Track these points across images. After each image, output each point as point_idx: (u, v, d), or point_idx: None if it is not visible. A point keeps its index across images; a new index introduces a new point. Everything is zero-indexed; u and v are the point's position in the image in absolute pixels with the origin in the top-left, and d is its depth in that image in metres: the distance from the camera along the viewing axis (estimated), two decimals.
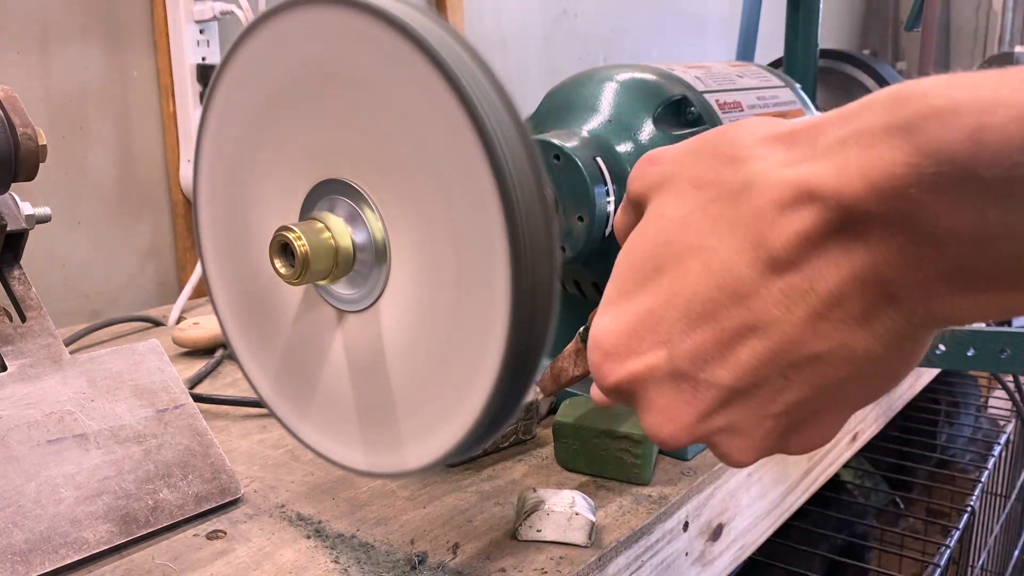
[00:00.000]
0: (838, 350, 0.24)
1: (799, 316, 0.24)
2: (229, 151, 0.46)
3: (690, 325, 0.26)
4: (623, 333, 0.28)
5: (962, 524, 0.90)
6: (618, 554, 0.48)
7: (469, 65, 0.36)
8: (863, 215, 0.22)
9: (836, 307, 0.24)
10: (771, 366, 0.25)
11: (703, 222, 0.26)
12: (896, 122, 0.21)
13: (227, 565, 0.46)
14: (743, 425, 0.27)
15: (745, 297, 0.25)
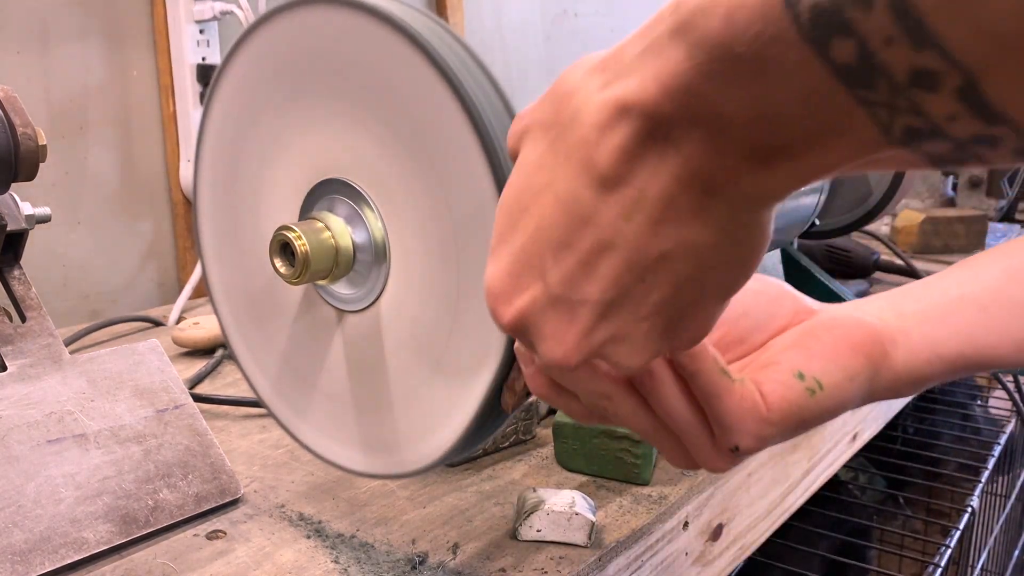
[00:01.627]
0: (681, 247, 0.26)
1: (639, 224, 0.26)
2: (229, 151, 0.46)
3: (555, 254, 0.28)
4: (505, 275, 0.30)
5: (962, 524, 0.90)
6: (618, 554, 0.48)
7: (468, 65, 0.36)
8: (665, 118, 0.24)
9: (667, 209, 0.25)
10: (629, 274, 0.27)
11: (550, 159, 0.28)
12: (675, 25, 0.23)
13: (227, 565, 0.46)
14: (623, 332, 0.28)
15: (590, 218, 0.27)
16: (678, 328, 0.29)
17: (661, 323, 0.28)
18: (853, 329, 0.34)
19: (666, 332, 0.29)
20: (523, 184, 0.29)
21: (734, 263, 0.27)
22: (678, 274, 0.27)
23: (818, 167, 0.24)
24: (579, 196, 0.27)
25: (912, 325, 0.36)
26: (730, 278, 0.28)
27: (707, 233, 0.26)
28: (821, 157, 0.23)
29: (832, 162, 0.24)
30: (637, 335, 0.28)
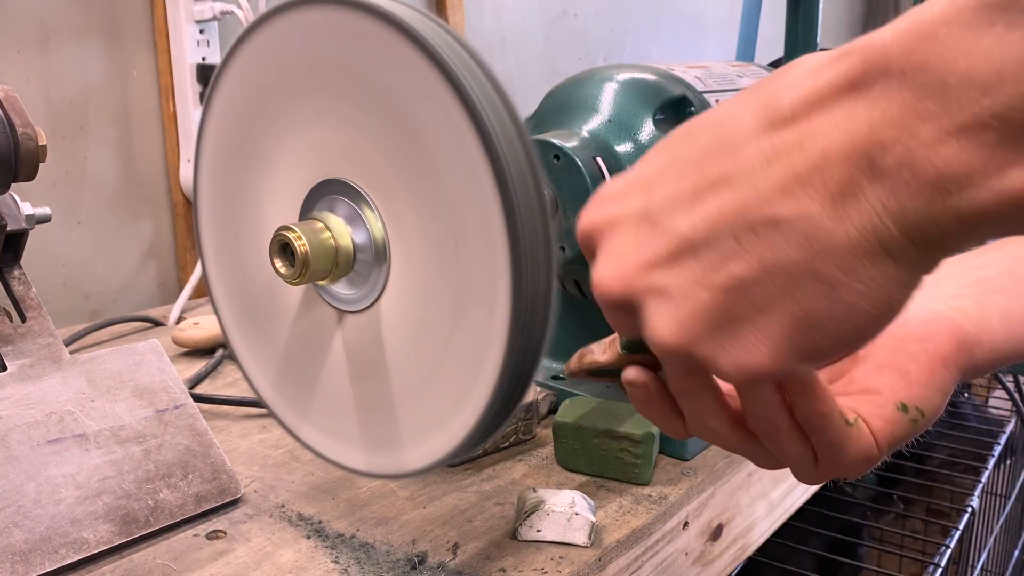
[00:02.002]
0: (800, 220, 0.23)
1: (776, 173, 0.23)
2: (229, 151, 0.46)
3: (678, 172, 0.26)
4: (623, 185, 0.28)
5: (962, 524, 0.90)
6: (618, 554, 0.48)
7: (469, 65, 0.36)
8: (882, 63, 0.21)
9: (816, 172, 0.23)
10: (730, 222, 0.24)
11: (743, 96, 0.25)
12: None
13: (227, 565, 0.46)
14: (680, 290, 0.25)
15: (735, 148, 0.24)
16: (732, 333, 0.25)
17: (721, 306, 0.25)
18: (944, 339, 0.33)
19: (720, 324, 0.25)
20: (700, 118, 0.27)
21: (844, 301, 0.23)
22: (776, 254, 0.23)
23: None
24: (739, 124, 0.24)
25: (996, 323, 0.35)
26: (827, 316, 0.24)
27: (836, 224, 0.22)
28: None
29: None
30: (690, 302, 0.25)
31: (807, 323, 0.24)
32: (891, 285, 0.23)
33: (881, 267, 0.23)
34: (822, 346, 0.24)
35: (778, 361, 0.25)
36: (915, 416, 0.33)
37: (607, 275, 0.27)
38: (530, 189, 0.35)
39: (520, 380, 0.39)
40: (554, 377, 0.67)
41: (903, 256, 0.22)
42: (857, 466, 0.32)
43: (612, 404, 0.57)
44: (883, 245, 0.22)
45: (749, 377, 0.26)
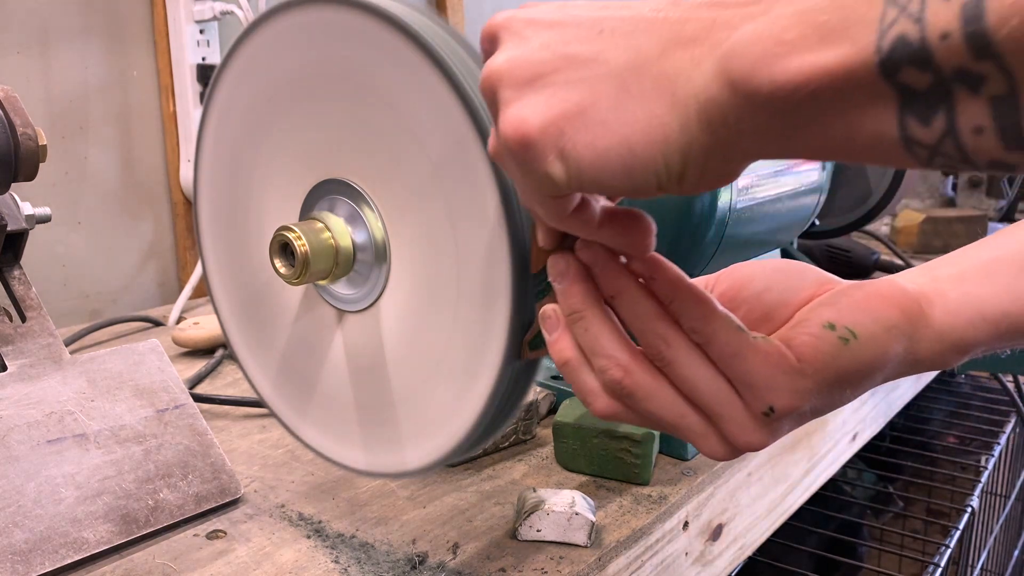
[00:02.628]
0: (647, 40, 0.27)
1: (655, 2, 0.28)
2: (229, 151, 0.46)
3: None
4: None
5: (962, 524, 0.90)
6: (618, 554, 0.48)
7: (469, 65, 0.36)
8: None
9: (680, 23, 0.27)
10: (604, 18, 0.28)
11: None
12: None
13: (227, 565, 0.46)
14: (530, 42, 0.29)
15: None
16: (536, 89, 0.29)
17: (547, 64, 0.28)
18: (883, 287, 0.33)
19: (534, 77, 0.29)
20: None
21: (621, 113, 0.27)
22: (611, 49, 0.27)
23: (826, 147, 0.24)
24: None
25: (948, 286, 0.34)
26: (602, 119, 0.27)
27: (661, 64, 0.26)
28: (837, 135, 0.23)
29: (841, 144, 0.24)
30: (529, 53, 0.29)
31: (584, 114, 0.27)
32: (660, 129, 0.26)
33: (663, 107, 0.26)
34: (578, 145, 0.28)
35: (542, 133, 0.28)
36: (844, 335, 0.31)
37: (501, 15, 0.31)
38: None
39: (521, 380, 0.39)
40: (554, 377, 0.67)
41: (682, 110, 0.26)
42: (776, 382, 0.30)
43: None
44: (675, 90, 0.26)
45: (516, 132, 0.28)
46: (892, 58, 0.21)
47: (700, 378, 0.31)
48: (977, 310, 0.34)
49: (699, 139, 0.26)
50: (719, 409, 0.31)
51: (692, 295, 0.31)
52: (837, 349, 0.31)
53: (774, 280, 0.35)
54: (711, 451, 0.33)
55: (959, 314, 0.34)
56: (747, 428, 0.31)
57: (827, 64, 0.22)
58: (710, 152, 0.26)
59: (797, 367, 0.30)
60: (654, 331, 0.32)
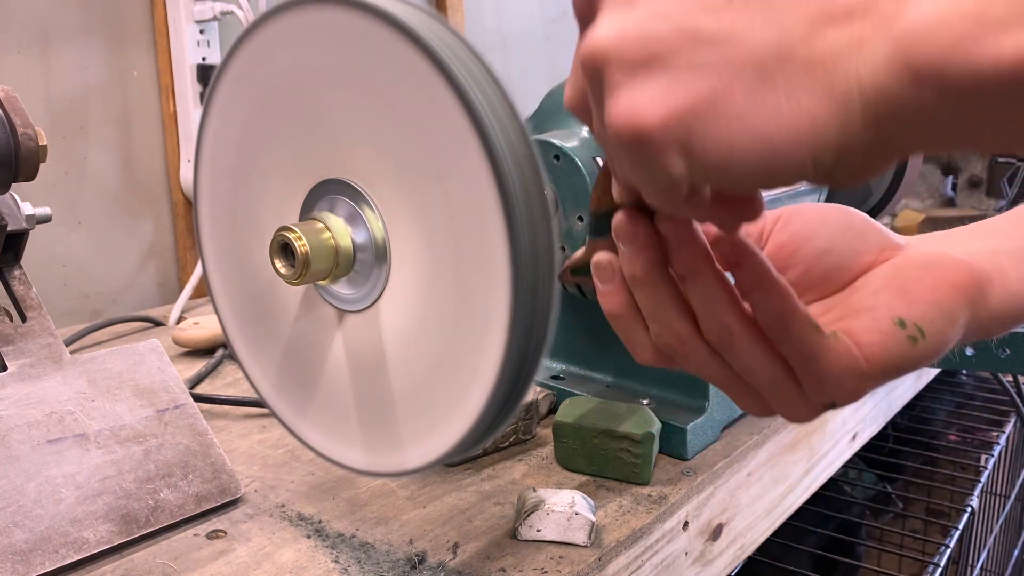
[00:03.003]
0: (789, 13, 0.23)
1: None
2: (229, 151, 0.46)
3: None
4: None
5: (962, 524, 0.90)
6: (618, 554, 0.48)
7: (469, 65, 0.36)
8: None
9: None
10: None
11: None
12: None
13: (227, 565, 0.46)
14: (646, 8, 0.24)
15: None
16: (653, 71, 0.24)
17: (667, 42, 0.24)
18: (950, 268, 0.31)
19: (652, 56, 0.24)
20: None
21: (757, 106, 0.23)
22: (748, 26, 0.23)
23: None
24: None
25: (1009, 264, 0.33)
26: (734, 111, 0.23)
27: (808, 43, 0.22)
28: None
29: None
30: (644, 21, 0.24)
31: (716, 106, 0.23)
32: (811, 125, 0.22)
33: (817, 99, 0.22)
34: (708, 143, 0.23)
35: (663, 128, 0.24)
36: (914, 333, 0.29)
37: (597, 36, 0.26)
38: (531, 189, 0.35)
39: (520, 380, 0.39)
40: (554, 377, 0.67)
41: (842, 102, 0.22)
42: (842, 384, 0.29)
43: (612, 404, 0.57)
44: (833, 78, 0.22)
45: (630, 127, 0.24)
46: None
47: (759, 367, 0.30)
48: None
49: (861, 136, 0.22)
50: (775, 393, 0.31)
51: (776, 291, 0.29)
52: (905, 349, 0.30)
53: (835, 241, 0.33)
54: (752, 410, 0.32)
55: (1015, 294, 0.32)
56: (800, 411, 0.31)
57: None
58: (872, 149, 0.23)
59: (865, 369, 0.29)
60: (721, 320, 0.30)
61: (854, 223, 0.34)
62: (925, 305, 0.30)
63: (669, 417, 0.58)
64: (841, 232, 0.33)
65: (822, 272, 0.33)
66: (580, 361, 0.68)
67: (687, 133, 0.24)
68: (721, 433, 0.62)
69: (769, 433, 0.63)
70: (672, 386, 0.62)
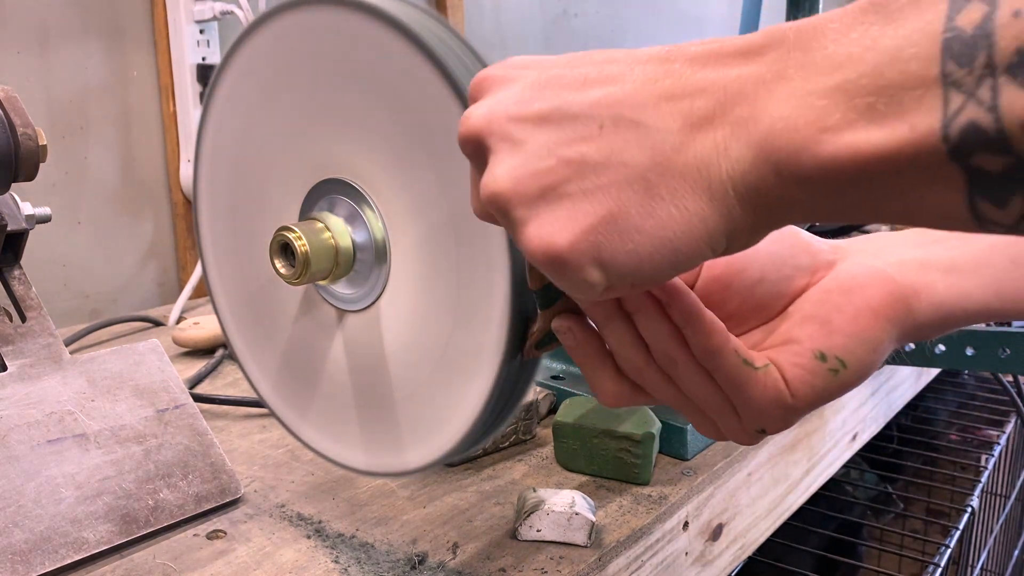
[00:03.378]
0: (657, 130, 0.25)
1: (658, 88, 0.26)
2: (229, 151, 0.46)
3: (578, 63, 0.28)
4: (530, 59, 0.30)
5: (962, 524, 0.90)
6: (618, 554, 0.48)
7: (468, 65, 0.36)
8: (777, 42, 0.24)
9: (687, 98, 0.25)
10: (602, 110, 0.26)
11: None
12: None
13: (227, 565, 0.46)
14: (531, 148, 0.27)
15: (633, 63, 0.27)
16: (553, 203, 0.27)
17: (558, 175, 0.27)
18: (874, 291, 0.33)
19: (547, 190, 0.27)
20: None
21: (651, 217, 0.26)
22: (624, 150, 0.26)
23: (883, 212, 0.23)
24: (643, 53, 0.27)
25: (938, 277, 0.34)
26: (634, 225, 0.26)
27: (681, 154, 0.25)
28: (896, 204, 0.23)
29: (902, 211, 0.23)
30: (534, 161, 0.27)
31: (616, 223, 0.26)
32: (701, 224, 0.25)
33: (699, 201, 0.25)
34: (617, 255, 0.26)
35: (574, 250, 0.26)
36: (834, 366, 0.32)
37: (476, 113, 0.29)
38: None
39: (520, 380, 0.39)
40: (554, 377, 0.67)
41: (721, 200, 0.25)
42: (766, 413, 0.32)
43: None
44: (709, 181, 0.25)
45: (545, 254, 0.27)
46: (964, 145, 0.21)
47: (703, 394, 0.33)
48: (959, 304, 0.34)
49: (743, 220, 0.25)
50: (718, 418, 0.33)
51: (704, 327, 0.32)
52: (827, 380, 0.32)
53: (767, 270, 0.35)
54: (706, 433, 0.35)
55: (942, 307, 0.34)
56: (740, 436, 0.34)
57: (879, 143, 0.22)
58: (756, 226, 0.26)
59: (790, 403, 0.32)
60: (665, 351, 0.32)
61: (783, 250, 0.36)
62: (845, 337, 0.32)
63: (669, 417, 0.58)
64: (771, 261, 0.35)
65: (757, 302, 0.35)
66: None
67: (596, 249, 0.26)
68: None
69: None
70: None
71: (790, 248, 0.36)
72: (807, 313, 0.33)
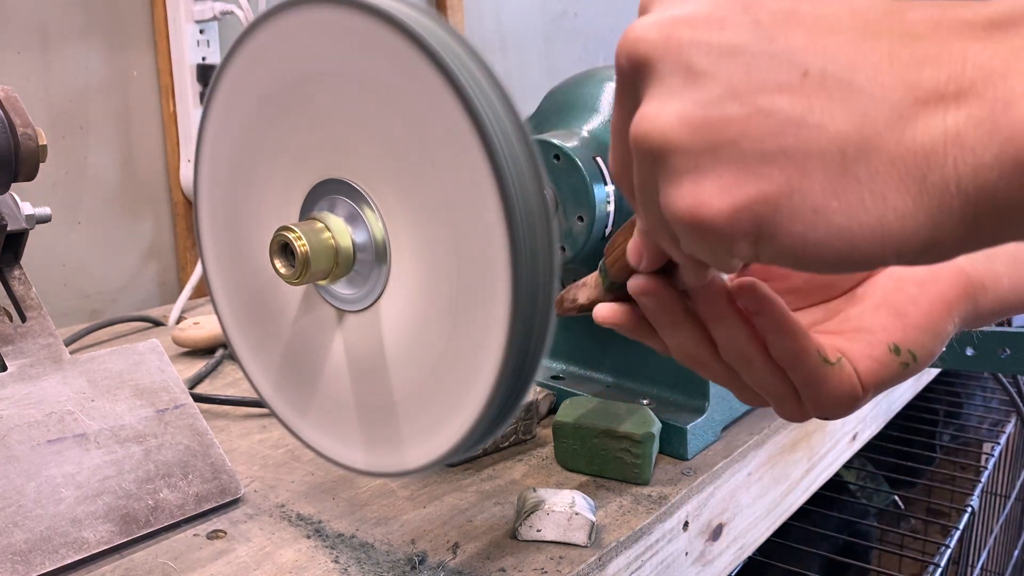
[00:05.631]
0: (873, 98, 0.20)
1: (884, 45, 0.21)
2: (229, 151, 0.46)
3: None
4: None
5: (962, 524, 0.90)
6: (618, 554, 0.48)
7: (469, 65, 0.36)
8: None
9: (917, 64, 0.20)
10: (813, 56, 0.21)
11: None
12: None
13: (227, 565, 0.46)
14: (714, 83, 0.22)
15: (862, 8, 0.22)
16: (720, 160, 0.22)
17: (737, 126, 0.22)
18: (948, 284, 0.32)
19: (718, 143, 0.22)
20: None
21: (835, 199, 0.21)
22: (826, 111, 0.21)
23: None
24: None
25: (1003, 269, 0.33)
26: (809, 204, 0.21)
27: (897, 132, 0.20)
28: None
29: None
30: (712, 102, 0.22)
31: (791, 197, 0.21)
32: (898, 223, 0.20)
33: (905, 195, 0.20)
34: (780, 235, 0.22)
35: (731, 220, 0.22)
36: (907, 359, 0.31)
37: (647, 25, 0.23)
38: (530, 189, 0.35)
39: (520, 380, 0.39)
40: (554, 377, 0.67)
41: (937, 199, 0.20)
42: (838, 406, 0.31)
43: (612, 404, 0.57)
44: (926, 173, 0.20)
45: (693, 217, 0.23)
46: None
47: (769, 385, 0.32)
48: (1022, 297, 0.34)
49: (957, 229, 0.20)
50: (778, 400, 0.32)
51: (790, 332, 0.30)
52: (897, 373, 0.31)
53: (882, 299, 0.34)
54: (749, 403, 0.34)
55: (1005, 301, 0.34)
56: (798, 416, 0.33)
57: None
58: (968, 240, 0.21)
59: (859, 394, 0.31)
60: (741, 350, 0.31)
61: None
62: (919, 331, 0.31)
63: (669, 417, 0.58)
64: None
65: (823, 280, 0.34)
66: (580, 361, 0.68)
67: (757, 225, 0.22)
68: (721, 433, 0.61)
69: (769, 433, 0.63)
70: (672, 386, 0.62)
71: None
72: (880, 301, 0.32)
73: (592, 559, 0.46)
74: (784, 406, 0.33)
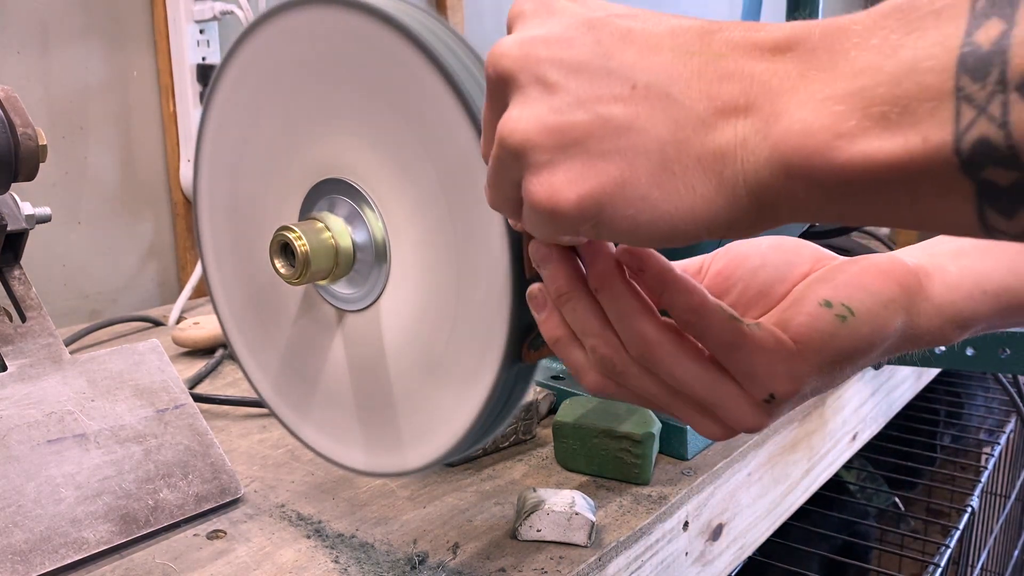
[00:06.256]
0: (683, 108, 0.25)
1: (694, 64, 0.26)
2: (229, 151, 0.46)
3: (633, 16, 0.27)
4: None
5: (962, 524, 0.90)
6: (618, 554, 0.48)
7: (468, 65, 0.36)
8: (803, 39, 0.24)
9: (718, 81, 0.25)
10: (638, 74, 0.26)
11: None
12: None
13: (227, 565, 0.46)
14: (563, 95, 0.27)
15: (676, 34, 0.26)
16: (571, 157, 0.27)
17: (582, 130, 0.26)
18: (882, 261, 0.32)
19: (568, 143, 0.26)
20: None
21: (659, 189, 0.26)
22: (649, 118, 0.25)
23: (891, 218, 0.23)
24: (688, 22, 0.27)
25: (947, 260, 0.34)
26: (640, 194, 0.26)
27: (702, 135, 0.25)
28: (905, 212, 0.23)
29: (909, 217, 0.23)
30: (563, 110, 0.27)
31: (623, 188, 0.26)
32: (705, 208, 0.25)
33: (709, 186, 0.25)
34: (616, 219, 0.26)
35: (577, 207, 0.27)
36: (841, 312, 0.30)
37: (511, 44, 0.28)
38: None
39: (520, 379, 0.39)
40: (554, 377, 0.67)
41: (731, 189, 0.25)
42: (774, 369, 0.30)
43: (612, 404, 0.57)
44: (722, 169, 0.25)
45: (548, 203, 0.27)
46: (975, 158, 0.21)
47: (688, 375, 0.31)
48: (977, 284, 0.34)
49: (748, 212, 0.25)
50: (714, 400, 0.31)
51: (681, 286, 0.30)
52: (834, 327, 0.30)
53: (769, 257, 0.35)
54: (707, 433, 0.33)
55: (958, 288, 0.33)
56: (746, 414, 0.31)
57: (893, 153, 0.22)
58: (759, 221, 0.26)
59: (795, 351, 0.30)
60: (636, 328, 0.31)
61: (787, 242, 0.36)
62: (853, 287, 0.31)
63: (669, 417, 0.58)
64: (773, 249, 0.35)
65: (759, 287, 0.34)
66: None
67: (598, 209, 0.26)
68: None
69: (769, 433, 0.63)
70: None
71: (793, 242, 0.35)
72: (810, 280, 0.33)
73: (592, 559, 0.46)
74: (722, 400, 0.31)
